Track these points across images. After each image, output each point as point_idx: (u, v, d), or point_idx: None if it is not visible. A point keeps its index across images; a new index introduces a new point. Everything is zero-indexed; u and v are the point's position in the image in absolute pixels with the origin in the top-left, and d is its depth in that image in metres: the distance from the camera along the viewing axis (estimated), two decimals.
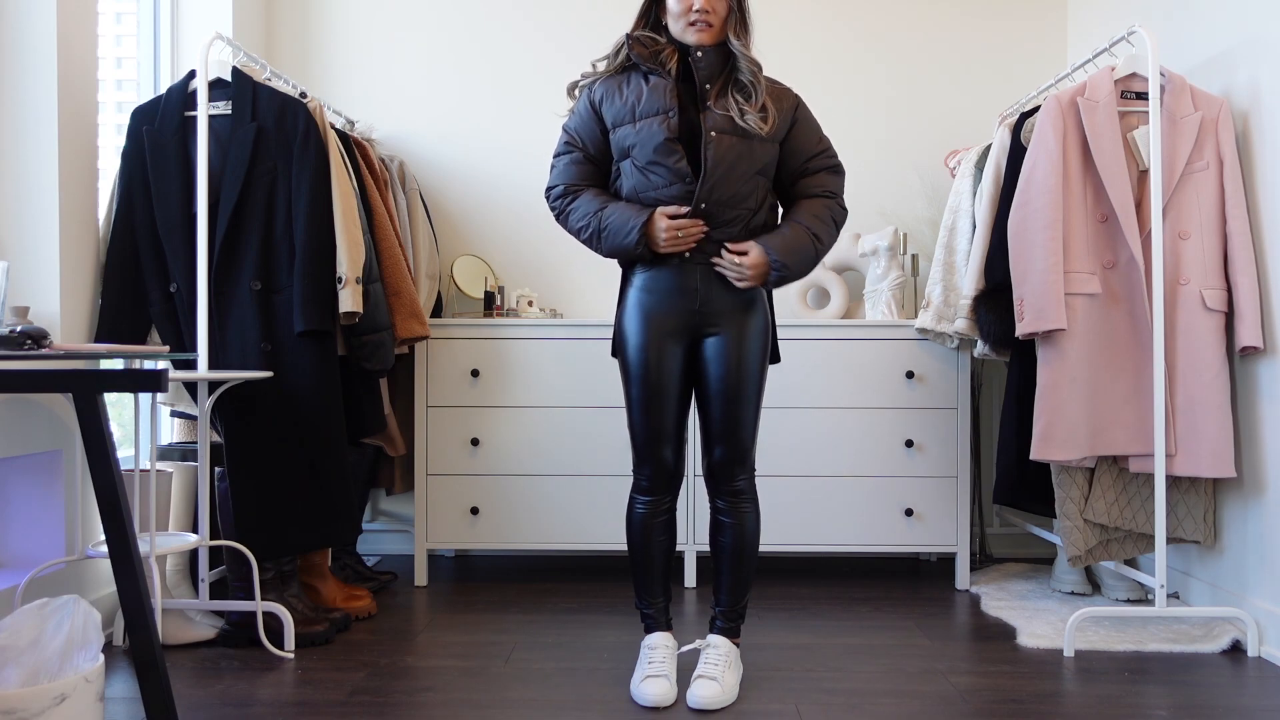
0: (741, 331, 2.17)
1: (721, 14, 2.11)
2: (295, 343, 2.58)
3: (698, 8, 2.09)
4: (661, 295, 2.17)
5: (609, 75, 2.21)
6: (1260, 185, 2.59)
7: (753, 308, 2.20)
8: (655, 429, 2.18)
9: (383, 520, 3.72)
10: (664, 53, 2.15)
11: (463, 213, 3.70)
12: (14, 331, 1.79)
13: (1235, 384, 2.67)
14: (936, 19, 3.69)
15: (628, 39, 2.18)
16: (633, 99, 2.14)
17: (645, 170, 2.13)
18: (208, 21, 3.28)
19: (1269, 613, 2.50)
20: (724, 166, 2.10)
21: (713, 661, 2.19)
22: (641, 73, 2.17)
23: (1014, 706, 2.14)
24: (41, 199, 2.44)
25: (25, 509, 2.48)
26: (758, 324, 2.20)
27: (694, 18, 2.10)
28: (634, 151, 2.14)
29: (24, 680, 1.67)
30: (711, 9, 2.10)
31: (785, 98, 2.21)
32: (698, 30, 2.11)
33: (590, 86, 2.22)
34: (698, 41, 2.12)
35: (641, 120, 2.13)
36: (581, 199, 2.20)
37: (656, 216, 2.11)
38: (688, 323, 2.17)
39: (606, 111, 2.18)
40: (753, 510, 2.23)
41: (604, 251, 2.18)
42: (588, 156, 2.22)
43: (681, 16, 2.11)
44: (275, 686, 2.26)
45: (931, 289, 3.07)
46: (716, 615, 2.28)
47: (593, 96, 2.21)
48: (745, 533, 2.22)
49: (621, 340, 2.22)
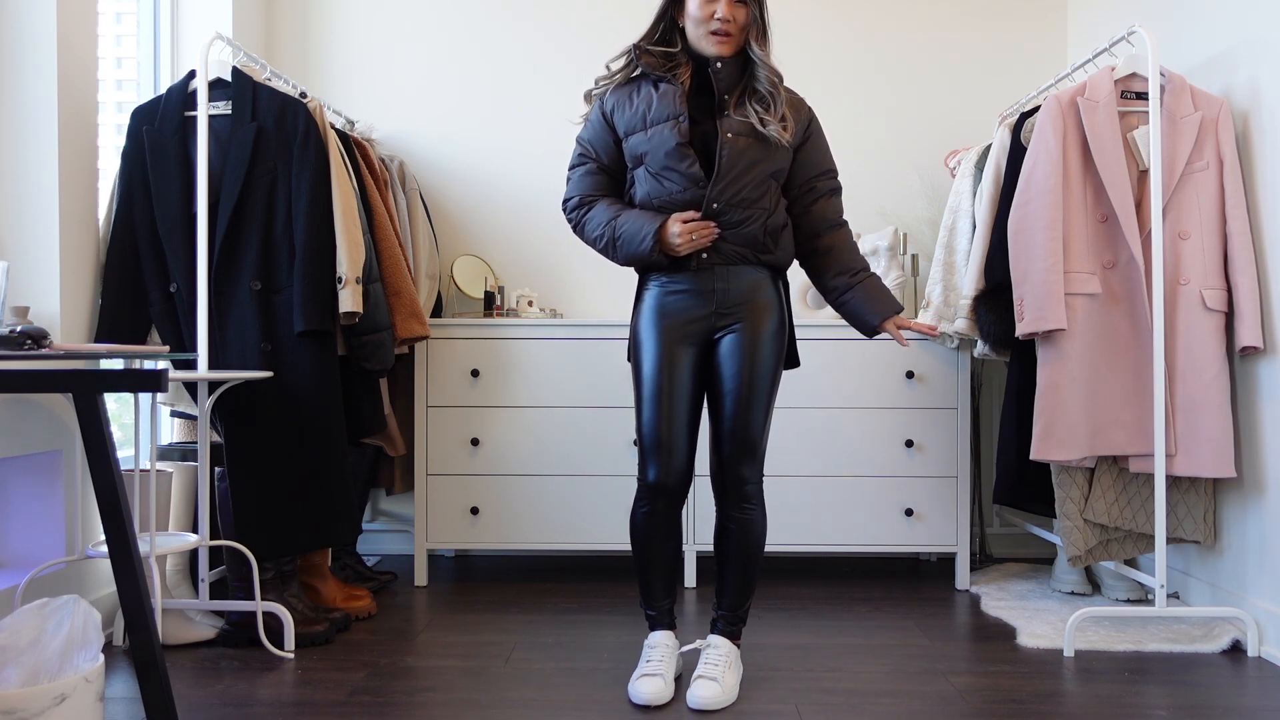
0: (757, 331, 2.16)
1: (742, 23, 2.11)
2: (295, 343, 2.58)
3: (720, 15, 2.08)
4: (678, 299, 2.17)
5: (619, 85, 2.21)
6: (1260, 185, 2.59)
7: (769, 308, 2.19)
8: (665, 434, 2.16)
9: (383, 520, 3.72)
10: (679, 66, 2.15)
11: (463, 213, 3.70)
12: (14, 331, 1.79)
13: (1235, 384, 2.67)
14: (936, 19, 3.69)
15: (636, 50, 2.17)
16: (643, 107, 2.14)
17: (658, 176, 2.13)
18: (208, 21, 3.28)
19: (1269, 613, 2.50)
20: (739, 168, 2.09)
21: (713, 662, 2.18)
22: (651, 81, 2.16)
23: (1014, 706, 2.14)
24: (41, 199, 2.44)
25: (25, 509, 2.48)
26: (773, 325, 2.18)
27: (715, 26, 2.08)
28: (647, 158, 2.14)
29: (24, 680, 1.67)
30: (733, 18, 2.09)
31: (801, 108, 2.22)
32: (718, 41, 2.10)
33: (602, 97, 2.22)
34: (717, 53, 2.11)
35: (653, 127, 2.13)
36: (596, 209, 2.21)
37: (670, 221, 2.11)
38: (703, 326, 2.17)
39: (618, 120, 2.18)
40: (760, 514, 2.21)
41: (620, 259, 2.18)
42: (601, 167, 2.23)
43: (703, 24, 2.10)
44: (275, 686, 2.26)
45: (931, 289, 3.07)
46: (719, 617, 2.27)
47: (604, 107, 2.21)
48: (752, 537, 2.20)
49: (636, 344, 2.22)
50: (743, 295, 2.16)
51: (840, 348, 3.16)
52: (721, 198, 2.10)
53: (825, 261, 2.27)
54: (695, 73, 2.16)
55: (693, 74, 2.16)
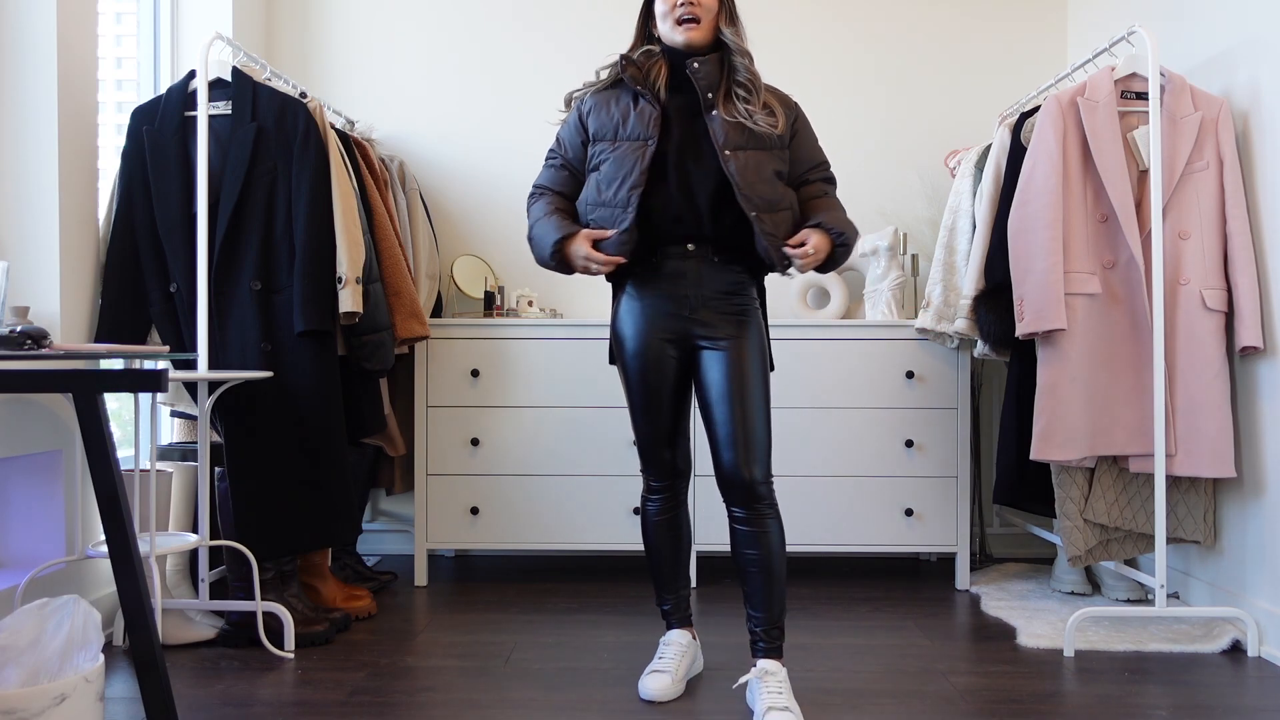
0: (740, 347, 2.11)
1: (709, 5, 2.09)
2: (295, 343, 2.58)
3: (682, 1, 2.08)
4: (653, 300, 2.15)
5: (601, 90, 2.20)
6: (1260, 185, 2.59)
7: (748, 320, 2.15)
8: (655, 430, 2.20)
9: (383, 520, 3.72)
10: (654, 69, 2.13)
11: (463, 213, 3.70)
12: (14, 331, 1.79)
13: (1235, 384, 2.67)
14: (936, 19, 3.69)
15: (622, 61, 2.17)
16: (619, 117, 2.14)
17: (604, 187, 2.12)
18: (208, 21, 3.28)
19: (1269, 613, 2.50)
20: (750, 174, 2.07)
21: (775, 690, 2.04)
22: (632, 94, 2.15)
23: (1014, 706, 2.14)
24: (41, 199, 2.44)
25: (25, 509, 2.48)
26: (754, 339, 2.14)
27: (680, 13, 2.08)
28: (603, 167, 2.13)
29: (24, 680, 1.67)
30: (698, 2, 2.08)
31: (786, 103, 2.20)
32: (686, 29, 2.09)
33: (583, 98, 2.23)
34: (687, 40, 2.09)
35: (621, 143, 2.12)
36: (538, 204, 2.24)
37: (579, 240, 2.10)
38: (680, 328, 2.14)
39: (591, 123, 2.18)
40: (774, 519, 2.10)
41: (535, 257, 2.20)
42: (565, 163, 2.24)
43: (668, 15, 2.10)
44: (275, 686, 2.26)
45: (931, 289, 3.07)
46: (757, 636, 2.12)
47: (582, 108, 2.22)
48: (771, 543, 2.09)
49: (618, 346, 2.22)
50: (718, 305, 2.13)
51: (840, 348, 3.16)
52: (752, 204, 2.06)
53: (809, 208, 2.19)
54: (673, 73, 2.14)
55: (670, 73, 2.14)
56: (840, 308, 3.39)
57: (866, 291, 3.36)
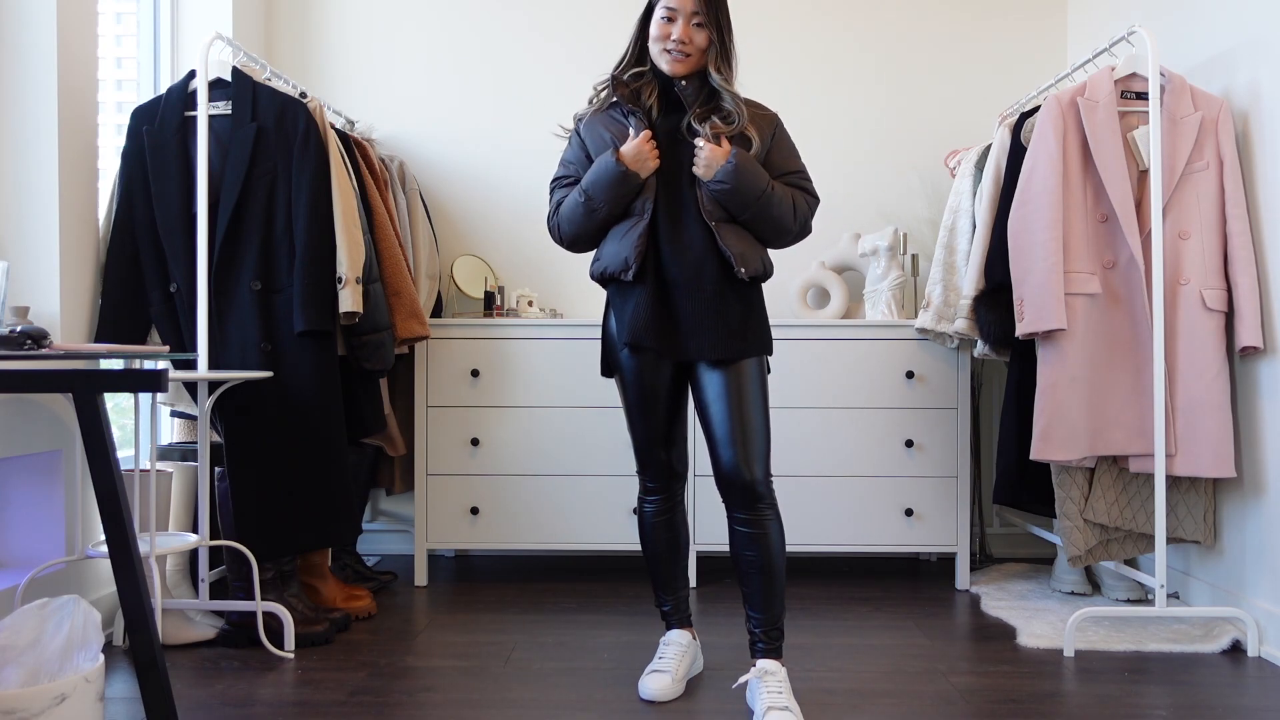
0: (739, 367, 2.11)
1: (701, 46, 2.10)
2: (295, 343, 2.58)
3: (675, 37, 2.08)
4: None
5: (597, 111, 2.22)
6: (1260, 185, 2.59)
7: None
8: (651, 432, 2.21)
9: (383, 520, 3.72)
10: (645, 90, 2.16)
11: (463, 213, 3.70)
12: (14, 331, 1.79)
13: (1235, 384, 2.67)
14: (936, 19, 3.69)
15: (612, 80, 2.18)
16: (610, 140, 2.16)
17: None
18: (208, 21, 3.28)
19: (1269, 613, 2.50)
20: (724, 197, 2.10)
21: (775, 689, 2.05)
22: (624, 112, 2.17)
23: (1014, 706, 2.14)
24: (41, 199, 2.44)
25: (25, 509, 2.48)
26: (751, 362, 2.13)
27: (671, 45, 2.09)
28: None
29: (24, 680, 1.67)
30: (689, 40, 2.09)
31: (766, 122, 2.20)
32: (672, 60, 2.10)
33: (581, 120, 2.25)
34: (672, 71, 2.11)
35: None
36: (561, 202, 2.24)
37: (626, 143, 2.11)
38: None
39: (589, 140, 2.21)
40: (774, 519, 2.10)
41: (600, 207, 2.14)
42: (577, 179, 2.23)
43: (659, 42, 2.11)
44: (275, 686, 2.26)
45: (931, 289, 3.07)
46: (757, 637, 2.13)
47: (581, 130, 2.25)
48: (771, 544, 2.09)
49: (612, 353, 2.22)
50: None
51: (840, 348, 3.16)
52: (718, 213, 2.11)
53: None
54: (663, 93, 2.16)
55: (660, 94, 2.16)
56: (840, 308, 3.39)
57: (866, 291, 3.36)
